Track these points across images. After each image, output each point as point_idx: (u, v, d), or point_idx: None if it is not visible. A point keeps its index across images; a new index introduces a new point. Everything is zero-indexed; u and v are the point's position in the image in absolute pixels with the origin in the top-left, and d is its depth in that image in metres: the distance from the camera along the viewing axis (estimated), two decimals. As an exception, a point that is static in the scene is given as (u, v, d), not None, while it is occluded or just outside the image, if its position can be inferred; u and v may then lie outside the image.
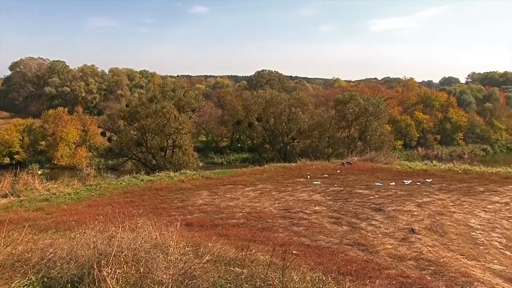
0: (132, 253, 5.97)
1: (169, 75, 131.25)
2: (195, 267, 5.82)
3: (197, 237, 8.84)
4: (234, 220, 12.71)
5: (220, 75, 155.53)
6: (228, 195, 16.79)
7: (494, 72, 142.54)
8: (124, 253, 5.86)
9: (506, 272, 8.43)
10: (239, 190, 17.74)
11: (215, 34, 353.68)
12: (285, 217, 12.99)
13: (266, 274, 5.76)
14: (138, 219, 8.08)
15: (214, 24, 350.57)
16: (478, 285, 7.71)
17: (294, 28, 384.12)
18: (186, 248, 6.85)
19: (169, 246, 6.62)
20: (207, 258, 6.40)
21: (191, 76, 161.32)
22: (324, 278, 6.46)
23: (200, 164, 43.81)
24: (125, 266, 5.61)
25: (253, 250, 7.40)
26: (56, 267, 6.03)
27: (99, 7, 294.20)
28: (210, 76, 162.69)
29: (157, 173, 23.11)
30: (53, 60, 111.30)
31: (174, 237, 6.94)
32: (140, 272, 5.62)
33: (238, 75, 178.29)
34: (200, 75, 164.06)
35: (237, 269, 6.04)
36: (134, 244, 6.27)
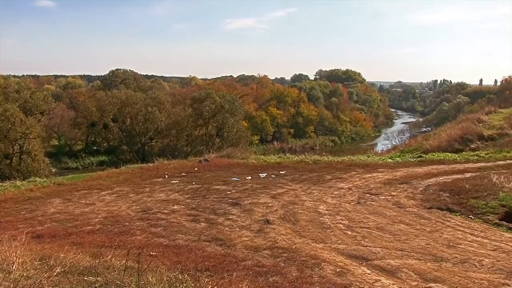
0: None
1: (13, 74, 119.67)
2: (44, 281, 5.50)
3: (47, 249, 8.31)
4: (89, 227, 12.17)
5: (72, 74, 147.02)
6: (83, 201, 15.99)
7: (338, 69, 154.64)
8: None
9: (347, 250, 9.31)
10: (94, 195, 17.00)
11: (63, 30, 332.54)
12: (143, 219, 12.80)
13: (122, 280, 5.67)
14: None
15: (62, 20, 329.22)
16: (325, 264, 8.39)
17: (148, 26, 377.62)
18: (35, 263, 6.43)
19: (12, 263, 6.15)
20: (58, 270, 6.08)
21: (38, 76, 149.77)
22: (181, 276, 6.56)
23: (53, 170, 41.02)
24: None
25: (109, 256, 7.21)
26: None
27: None
28: (61, 76, 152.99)
29: (0, 184, 21.08)
30: None
31: (18, 252, 6.46)
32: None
33: (92, 75, 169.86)
34: (49, 75, 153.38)
35: (91, 277, 5.85)
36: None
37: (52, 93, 65.79)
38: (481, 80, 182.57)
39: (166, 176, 20.07)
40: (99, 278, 5.82)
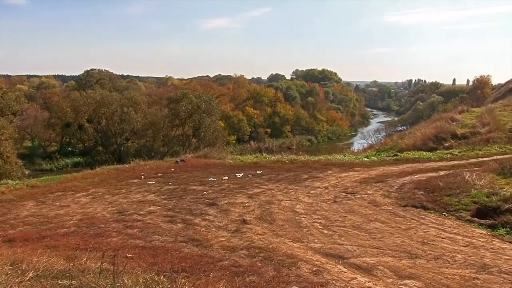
0: None
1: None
2: (15, 287, 5.39)
3: (19, 253, 8.13)
4: (64, 229, 11.97)
5: (45, 74, 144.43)
6: (57, 203, 15.74)
7: (314, 69, 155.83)
8: None
9: (324, 249, 9.36)
10: (69, 197, 16.74)
11: (36, 29, 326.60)
12: (118, 220, 12.65)
13: (97, 283, 5.59)
14: None
15: (34, 18, 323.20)
16: (301, 264, 8.42)
17: (123, 26, 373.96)
18: (5, 268, 6.29)
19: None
20: (30, 275, 5.96)
21: (10, 76, 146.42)
22: (157, 278, 6.51)
23: (26, 172, 40.26)
24: None
25: (84, 259, 7.11)
26: None
27: None
28: (34, 76, 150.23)
29: (-32, 188, 20.55)
30: None
31: (-14, 257, 6.30)
32: None
33: (66, 75, 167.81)
34: (22, 75, 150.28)
35: (65, 281, 5.75)
36: None
37: (24, 93, 64.42)
38: (454, 80, 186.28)
39: (142, 177, 19.90)
40: (73, 281, 5.73)
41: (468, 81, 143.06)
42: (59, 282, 5.77)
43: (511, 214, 10.69)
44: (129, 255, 8.81)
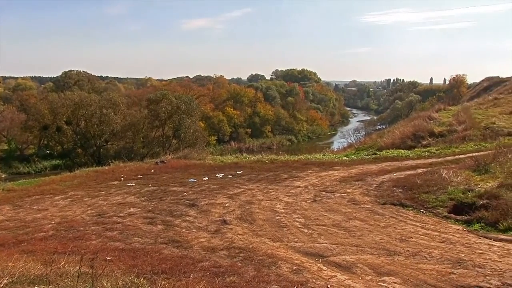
0: None
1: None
2: (-10, 294, 5.31)
3: (-6, 258, 8.01)
4: (41, 233, 11.80)
5: (22, 76, 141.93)
6: (35, 207, 15.51)
7: (293, 69, 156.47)
8: None
9: (304, 248, 9.42)
10: (47, 200, 16.52)
11: (11, 29, 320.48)
12: (98, 223, 12.53)
13: (76, 286, 5.55)
14: None
15: (9, 18, 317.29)
16: (281, 263, 8.45)
17: (102, 26, 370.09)
18: (-21, 275, 6.17)
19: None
20: (5, 281, 5.86)
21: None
22: (137, 280, 6.48)
23: (3, 176, 39.43)
24: None
25: (62, 263, 7.03)
26: None
27: None
28: (10, 77, 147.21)
29: None
30: None
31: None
32: None
33: (43, 76, 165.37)
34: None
35: (42, 286, 5.68)
36: None
37: (0, 95, 63.28)
38: (431, 79, 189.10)
39: (122, 178, 19.75)
40: (50, 286, 5.68)
41: (445, 80, 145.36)
42: (36, 287, 5.70)
43: (485, 210, 10.92)
44: (108, 258, 8.74)
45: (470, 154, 19.45)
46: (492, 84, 66.77)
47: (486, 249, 8.79)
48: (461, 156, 19.82)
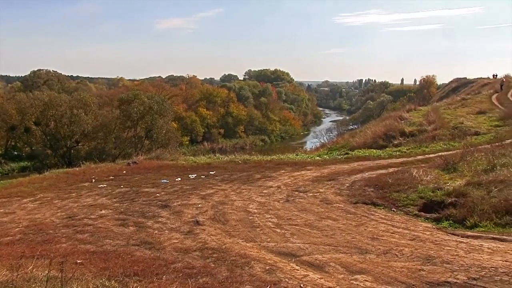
0: None
1: None
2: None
3: (-44, 266, 7.74)
4: (8, 237, 11.49)
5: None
6: (1, 210, 15.08)
7: (266, 69, 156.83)
8: None
9: (277, 247, 9.45)
10: (15, 203, 16.10)
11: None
12: (68, 225, 12.30)
13: (45, 291, 5.44)
14: None
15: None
16: (254, 263, 8.45)
17: (73, 25, 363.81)
18: None
19: None
20: (-33, 289, 5.70)
21: None
22: (108, 283, 6.39)
23: (-32, 179, 38.51)
24: None
25: (30, 267, 6.88)
26: None
27: None
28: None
29: None
30: None
31: None
32: None
33: (10, 75, 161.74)
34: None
35: (9, 292, 5.56)
36: None
37: (-35, 95, 61.63)
38: (402, 80, 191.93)
39: (93, 180, 19.43)
40: (18, 291, 5.55)
41: (415, 81, 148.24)
42: (1, 293, 5.57)
43: (453, 208, 11.17)
44: (79, 261, 8.61)
45: (440, 154, 19.83)
46: (460, 85, 68.67)
47: (454, 245, 8.98)
48: (431, 156, 20.19)
